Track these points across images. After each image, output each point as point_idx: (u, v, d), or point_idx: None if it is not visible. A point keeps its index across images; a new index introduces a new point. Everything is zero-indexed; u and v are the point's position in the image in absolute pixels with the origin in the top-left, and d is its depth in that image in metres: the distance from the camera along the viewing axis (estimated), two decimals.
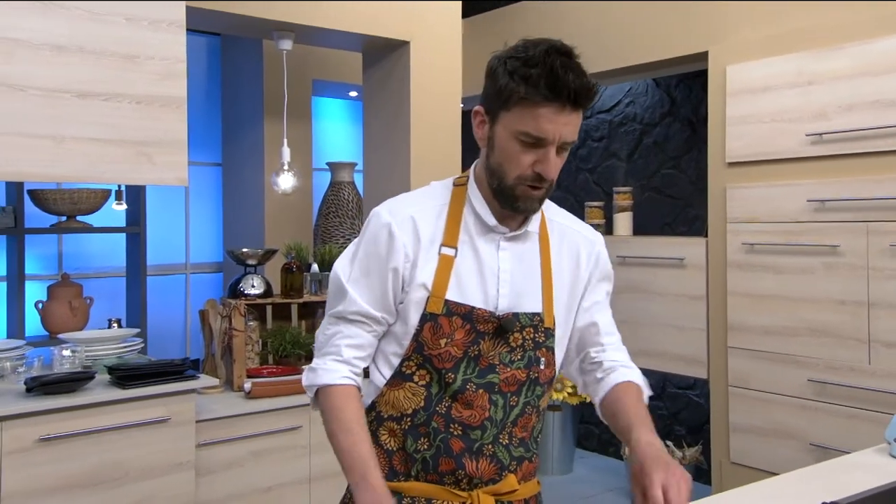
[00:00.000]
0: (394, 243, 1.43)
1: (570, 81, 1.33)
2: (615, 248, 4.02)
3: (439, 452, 1.42)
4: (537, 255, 1.52)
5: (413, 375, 1.45)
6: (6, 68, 2.57)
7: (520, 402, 1.47)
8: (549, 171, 1.38)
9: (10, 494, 2.53)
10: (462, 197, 1.50)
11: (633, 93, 4.57)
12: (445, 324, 1.42)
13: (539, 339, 1.49)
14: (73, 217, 3.53)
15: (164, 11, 2.85)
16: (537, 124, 1.36)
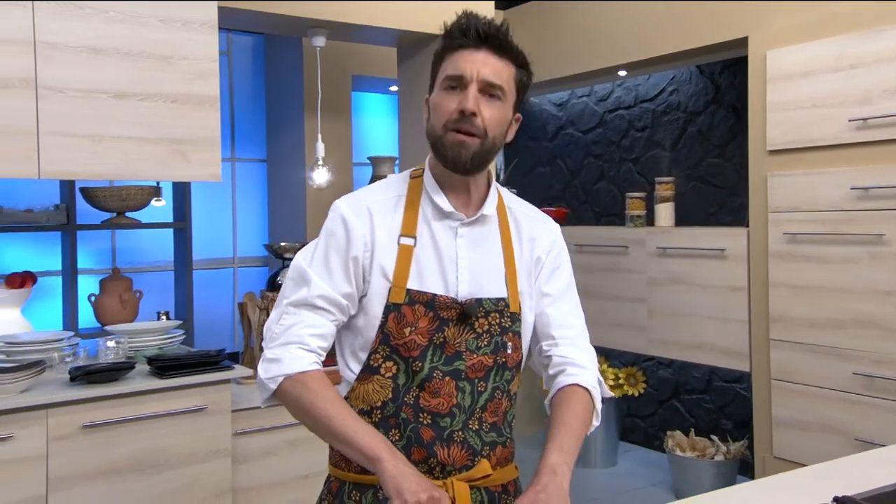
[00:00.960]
0: (352, 234, 1.45)
1: (476, 23, 1.44)
2: (655, 240, 3.98)
3: (410, 442, 1.43)
4: (498, 240, 1.53)
5: (380, 368, 1.45)
6: (47, 70, 2.68)
7: (488, 388, 1.47)
8: (468, 102, 1.40)
9: (56, 479, 2.64)
10: (419, 187, 1.52)
11: (677, 81, 4.49)
12: (409, 313, 1.43)
13: (505, 324, 1.49)
14: (121, 213, 3.66)
15: (196, 12, 2.92)
16: (455, 65, 1.43)
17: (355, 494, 1.46)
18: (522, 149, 5.46)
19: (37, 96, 2.68)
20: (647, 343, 4.01)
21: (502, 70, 1.44)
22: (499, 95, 1.43)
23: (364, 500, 1.45)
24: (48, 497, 2.62)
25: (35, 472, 2.60)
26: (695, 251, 3.79)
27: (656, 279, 3.97)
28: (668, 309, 3.91)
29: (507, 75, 1.45)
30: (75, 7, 2.73)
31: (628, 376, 4.44)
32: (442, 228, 1.48)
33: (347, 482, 1.48)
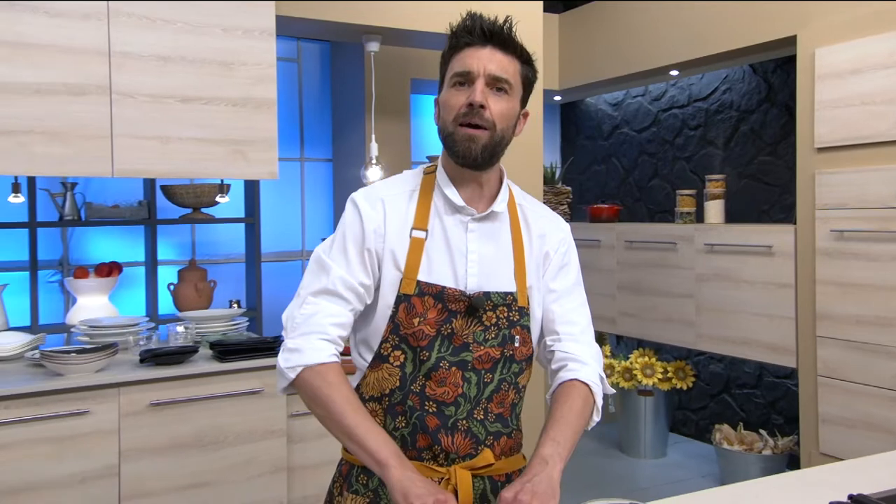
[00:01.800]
0: (367, 225, 1.44)
1: (480, 21, 1.42)
2: (704, 236, 3.85)
3: (416, 429, 1.41)
4: (508, 236, 1.50)
5: (389, 356, 1.43)
6: (120, 78, 2.78)
7: (495, 379, 1.44)
8: (476, 95, 1.38)
9: (127, 451, 2.74)
10: (432, 183, 1.50)
11: (730, 80, 4.33)
12: (418, 304, 1.41)
13: (513, 318, 1.46)
14: (197, 209, 3.77)
15: (256, 21, 2.98)
16: (462, 62, 1.42)
17: (362, 478, 1.46)
18: (579, 148, 5.37)
19: (111, 102, 2.78)
20: (696, 338, 3.89)
21: (508, 65, 1.42)
22: (505, 89, 1.42)
23: (371, 482, 1.44)
24: (120, 467, 2.72)
25: (108, 444, 2.70)
26: (742, 248, 3.66)
27: (704, 275, 3.84)
28: (716, 305, 3.78)
29: (513, 70, 1.43)
30: (147, 20, 2.82)
31: (677, 370, 4.32)
32: (453, 223, 1.46)
33: (356, 466, 1.47)
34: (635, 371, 4.31)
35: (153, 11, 2.83)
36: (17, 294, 3.60)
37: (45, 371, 2.75)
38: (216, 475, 2.86)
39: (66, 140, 2.72)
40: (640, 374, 4.29)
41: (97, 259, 3.78)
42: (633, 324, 4.25)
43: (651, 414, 4.37)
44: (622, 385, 4.36)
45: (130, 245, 3.96)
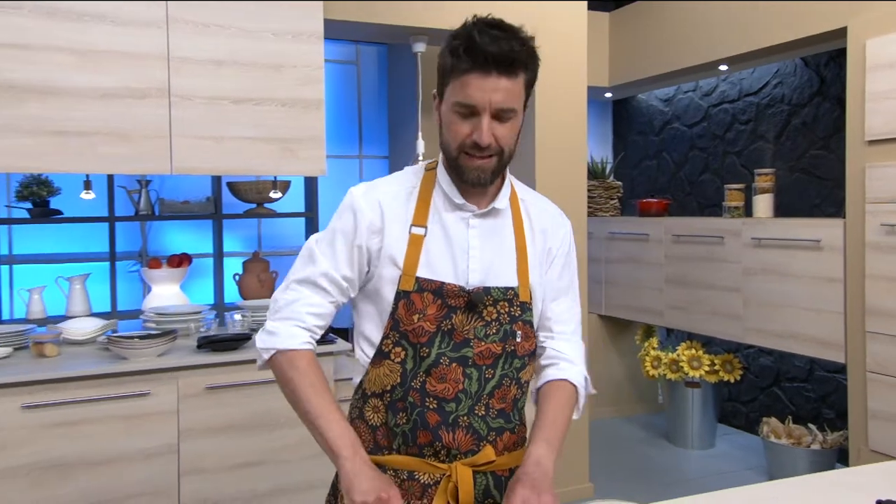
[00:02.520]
0: (359, 222, 1.37)
1: (487, 46, 1.24)
2: (751, 230, 3.65)
3: (417, 426, 1.34)
4: (510, 231, 1.42)
5: (390, 353, 1.36)
6: (178, 81, 2.80)
7: (496, 375, 1.37)
8: (483, 136, 1.28)
9: (185, 430, 2.77)
10: (432, 179, 1.42)
11: (781, 74, 4.09)
12: (417, 300, 1.34)
13: (515, 313, 1.38)
14: (260, 204, 3.79)
15: (305, 24, 2.96)
16: (465, 92, 1.27)
17: None
18: (630, 143, 5.19)
19: (169, 104, 2.81)
20: (744, 332, 3.70)
21: (513, 89, 1.29)
22: (511, 114, 1.31)
23: None
24: (179, 446, 2.76)
25: (168, 424, 2.74)
26: (790, 242, 3.45)
27: (751, 269, 3.64)
28: (764, 299, 3.58)
29: (519, 90, 1.30)
30: (202, 26, 2.84)
31: (724, 363, 4.12)
32: (454, 219, 1.39)
33: None
34: (682, 363, 4.13)
35: (209, 18, 2.84)
36: (101, 282, 3.71)
37: (112, 354, 2.82)
38: (269, 455, 2.87)
39: (129, 140, 2.77)
40: (686, 367, 4.12)
41: (170, 251, 3.86)
42: (680, 317, 4.07)
43: (698, 405, 4.19)
44: (669, 377, 4.20)
45: (200, 238, 4.02)
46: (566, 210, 3.69)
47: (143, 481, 2.71)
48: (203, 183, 3.92)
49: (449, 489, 1.32)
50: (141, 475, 2.71)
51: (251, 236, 4.52)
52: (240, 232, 4.41)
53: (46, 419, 2.59)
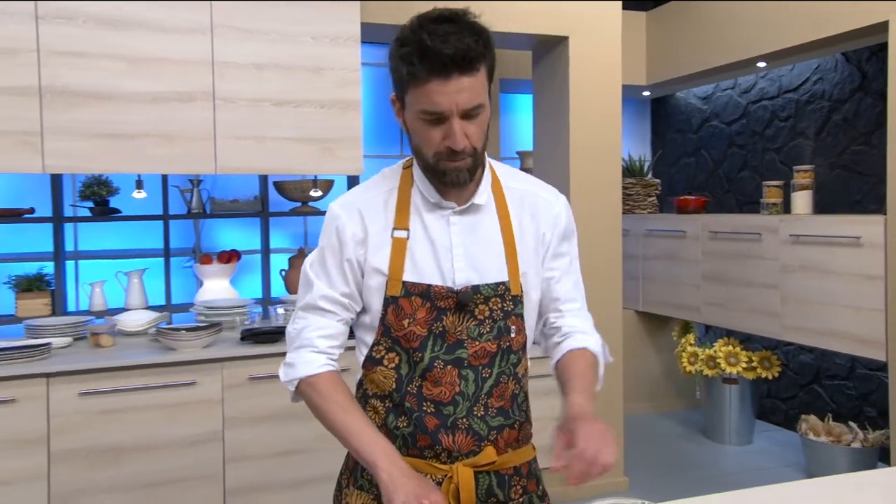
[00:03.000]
0: (343, 236, 1.30)
1: (442, 49, 1.14)
2: (789, 227, 3.51)
3: (416, 430, 1.29)
4: (495, 224, 1.34)
5: (383, 359, 1.31)
6: (221, 85, 2.83)
7: (493, 374, 1.30)
8: (457, 142, 1.19)
9: (229, 418, 2.81)
10: (409, 179, 1.34)
11: (821, 70, 3.92)
12: (406, 305, 1.28)
13: (507, 308, 1.31)
14: (305, 203, 3.81)
15: (342, 28, 2.96)
16: (429, 99, 1.18)
17: (367, 474, 1.33)
18: (668, 141, 5.06)
19: (214, 107, 2.84)
20: (782, 329, 3.56)
21: (476, 85, 1.19)
22: (478, 110, 1.22)
23: (365, 480, 1.34)
24: (224, 433, 2.79)
25: (214, 412, 2.78)
26: (828, 239, 3.30)
27: (789, 266, 3.50)
28: (802, 296, 3.44)
29: (482, 83, 1.21)
30: (245, 32, 2.86)
31: (762, 359, 3.98)
32: (434, 218, 1.31)
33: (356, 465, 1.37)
34: (719, 360, 4.00)
35: (251, 24, 2.86)
36: (158, 277, 3.78)
37: (162, 346, 2.86)
38: (309, 444, 2.88)
39: (175, 141, 2.81)
40: (723, 363, 3.99)
41: (220, 247, 3.91)
42: (717, 313, 3.95)
43: (736, 401, 4.06)
44: (706, 373, 4.07)
45: (248, 235, 4.07)
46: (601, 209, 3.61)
47: (190, 466, 2.75)
48: (251, 182, 3.97)
49: (451, 490, 1.27)
50: (188, 461, 2.75)
51: (297, 233, 4.55)
52: (286, 229, 4.44)
53: (101, 406, 2.65)
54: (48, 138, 2.68)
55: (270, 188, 3.86)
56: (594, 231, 3.45)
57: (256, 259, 4.13)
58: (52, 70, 2.67)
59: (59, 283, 3.52)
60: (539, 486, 1.41)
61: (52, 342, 2.84)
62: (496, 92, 4.33)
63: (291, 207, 3.89)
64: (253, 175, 3.76)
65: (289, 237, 4.49)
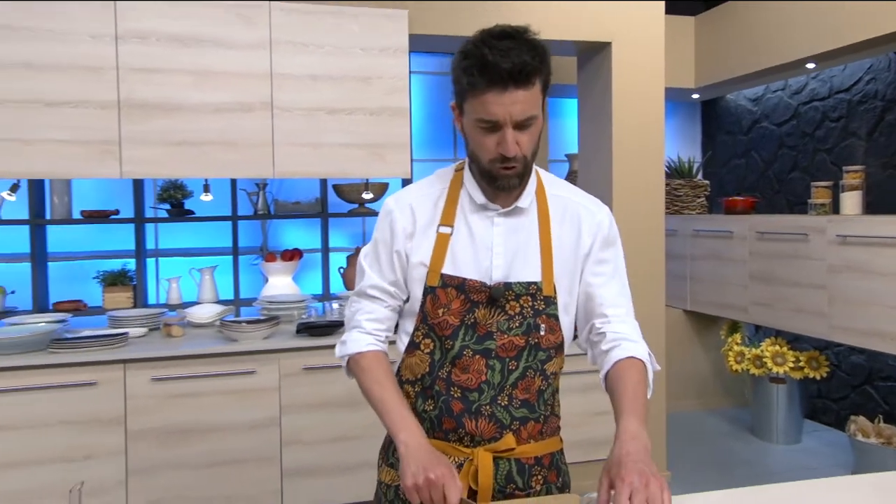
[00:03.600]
0: (395, 229, 1.37)
1: (501, 64, 1.18)
2: (837, 227, 3.37)
3: (442, 413, 1.33)
4: (535, 228, 1.36)
5: (420, 344, 1.36)
6: (279, 95, 2.92)
7: (520, 367, 1.32)
8: (509, 150, 1.23)
9: (286, 405, 2.89)
10: (460, 181, 1.39)
11: (874, 70, 3.74)
12: (442, 295, 1.33)
13: (538, 307, 1.33)
14: (361, 204, 3.89)
15: (390, 40, 3.01)
16: (486, 109, 1.23)
17: (396, 452, 1.37)
18: (719, 143, 4.91)
19: (272, 116, 2.93)
20: (829, 329, 3.42)
21: (531, 98, 1.23)
22: (531, 122, 1.26)
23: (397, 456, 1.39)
24: (281, 419, 2.88)
25: (271, 399, 2.87)
26: (875, 239, 3.15)
27: (836, 266, 3.36)
28: (849, 296, 3.29)
29: (536, 97, 1.25)
30: (301, 45, 2.94)
31: (810, 359, 3.82)
32: (479, 219, 1.36)
33: None
34: (765, 359, 3.87)
35: (306, 38, 2.94)
36: (228, 273, 3.94)
37: (225, 336, 2.98)
38: (359, 431, 2.94)
39: (237, 148, 2.92)
40: (770, 362, 3.85)
41: (284, 246, 4.03)
42: (765, 313, 3.82)
43: (784, 401, 3.91)
44: (752, 372, 3.94)
45: (310, 234, 4.19)
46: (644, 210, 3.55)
47: (249, 448, 2.86)
48: (312, 185, 4.08)
49: (471, 472, 1.30)
50: (248, 443, 2.85)
51: (355, 233, 4.65)
52: (345, 229, 4.54)
53: (171, 390, 2.78)
54: (125, 147, 2.83)
55: (330, 191, 3.96)
56: (637, 232, 3.39)
57: (317, 257, 4.24)
58: (129, 85, 2.82)
59: (140, 278, 3.71)
60: (559, 479, 1.41)
61: (129, 332, 3.00)
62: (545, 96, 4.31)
63: (349, 209, 3.98)
64: (313, 178, 3.85)
65: (347, 237, 4.58)
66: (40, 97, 2.73)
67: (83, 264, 3.78)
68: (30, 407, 2.64)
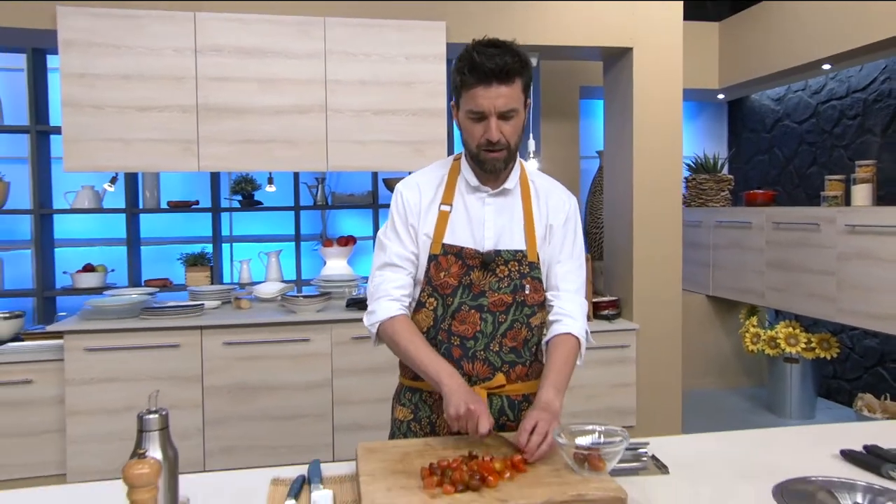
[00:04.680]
0: (408, 206, 1.51)
1: (485, 63, 1.34)
2: (846, 217, 3.38)
3: (444, 358, 1.44)
4: (519, 206, 1.51)
5: (426, 303, 1.49)
6: (333, 99, 3.12)
7: (508, 319, 1.47)
8: (493, 135, 1.38)
9: (337, 370, 3.09)
10: (458, 167, 1.53)
11: (889, 70, 3.70)
12: (443, 261, 1.47)
13: (524, 271, 1.47)
14: None
15: (429, 49, 3.16)
16: (474, 102, 1.39)
17: (407, 395, 1.55)
18: (744, 140, 4.90)
19: (326, 117, 3.14)
20: (837, 312, 3.43)
21: (512, 93, 1.38)
22: (513, 114, 1.40)
23: (413, 398, 1.55)
24: (333, 381, 3.08)
25: (324, 364, 3.08)
26: (881, 228, 3.15)
27: (845, 254, 3.36)
28: (856, 282, 3.30)
29: (517, 93, 1.39)
30: (351, 55, 3.14)
31: (821, 341, 3.82)
32: (473, 198, 1.50)
33: (404, 385, 1.58)
34: (779, 340, 3.88)
35: (356, 48, 3.14)
36: (291, 257, 4.19)
37: (286, 309, 3.22)
38: None
39: (295, 145, 3.14)
40: (783, 343, 3.86)
41: (340, 233, 4.26)
42: (779, 298, 3.83)
43: (797, 380, 3.92)
44: (767, 352, 3.96)
45: (362, 223, 4.41)
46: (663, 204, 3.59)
47: (306, 406, 3.08)
48: (364, 179, 4.28)
49: None
50: (305, 401, 3.07)
51: None
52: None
53: (240, 353, 3.03)
54: (202, 144, 3.09)
55: (380, 185, 4.17)
56: (656, 224, 3.46)
57: (369, 243, 4.45)
58: (206, 92, 3.07)
59: (217, 260, 4.00)
60: None
61: (205, 304, 3.28)
62: (576, 98, 4.39)
63: None
64: (366, 172, 4.05)
65: None
66: (135, 103, 3.01)
67: (169, 248, 4.09)
68: (125, 363, 2.93)
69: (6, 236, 3.93)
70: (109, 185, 3.74)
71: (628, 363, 3.40)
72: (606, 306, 3.49)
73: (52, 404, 2.91)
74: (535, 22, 3.32)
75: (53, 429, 2.91)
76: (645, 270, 3.46)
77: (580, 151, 4.45)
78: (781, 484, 1.27)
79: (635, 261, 3.45)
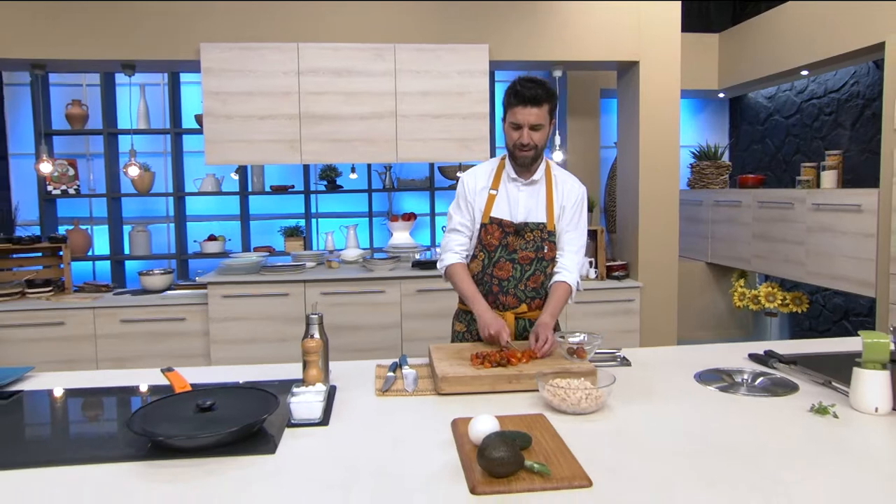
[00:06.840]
0: (468, 188, 1.97)
1: (524, 92, 1.82)
2: (813, 197, 3.76)
3: (487, 292, 1.95)
4: (543, 191, 1.96)
5: (477, 255, 1.96)
6: (400, 107, 3.64)
7: (531, 269, 1.95)
8: (524, 139, 1.85)
9: (405, 315, 3.60)
10: (503, 163, 1.99)
11: (858, 74, 4.01)
12: (490, 228, 1.93)
13: (544, 237, 1.95)
14: (457, 180, 4.57)
15: (476, 66, 3.63)
16: (514, 116, 1.86)
17: (463, 315, 2.06)
18: (742, 132, 5.23)
19: (396, 121, 3.67)
20: (805, 274, 3.83)
21: (541, 113, 1.83)
22: (540, 127, 1.85)
23: (465, 318, 2.05)
24: (402, 324, 3.62)
25: (394, 311, 3.63)
26: (839, 206, 3.53)
27: (812, 227, 3.76)
28: (821, 250, 3.70)
29: (544, 114, 1.84)
30: (415, 72, 3.65)
31: (794, 298, 4.22)
32: (512, 186, 1.96)
33: (459, 309, 2.09)
34: (760, 297, 4.30)
35: (419, 67, 3.65)
36: (365, 230, 4.78)
37: (365, 268, 3.81)
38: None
39: (373, 143, 3.69)
40: (763, 300, 4.28)
41: (403, 210, 4.80)
42: (761, 263, 4.23)
43: (776, 330, 4.33)
44: (751, 307, 4.38)
45: (422, 203, 4.95)
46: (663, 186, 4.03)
47: (382, 341, 3.64)
48: (422, 168, 4.81)
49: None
50: (381, 338, 3.64)
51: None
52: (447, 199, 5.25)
53: (332, 301, 3.61)
54: (304, 143, 3.69)
55: (436, 172, 4.69)
56: (658, 202, 3.88)
57: (427, 219, 5.00)
58: (306, 104, 3.65)
59: (308, 232, 4.62)
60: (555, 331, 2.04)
61: (305, 264, 3.91)
62: (597, 98, 4.79)
63: (449, 184, 4.69)
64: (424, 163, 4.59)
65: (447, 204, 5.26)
66: (255, 113, 3.62)
67: (271, 222, 4.74)
68: (250, 307, 3.58)
69: (152, 213, 4.66)
70: (234, 175, 4.40)
71: (633, 314, 3.87)
72: (617, 269, 3.97)
73: (200, 336, 3.60)
74: (561, 43, 3.75)
75: (200, 353, 3.61)
76: (648, 239, 3.91)
77: (601, 142, 4.87)
78: (701, 371, 1.80)
79: (640, 232, 3.90)
